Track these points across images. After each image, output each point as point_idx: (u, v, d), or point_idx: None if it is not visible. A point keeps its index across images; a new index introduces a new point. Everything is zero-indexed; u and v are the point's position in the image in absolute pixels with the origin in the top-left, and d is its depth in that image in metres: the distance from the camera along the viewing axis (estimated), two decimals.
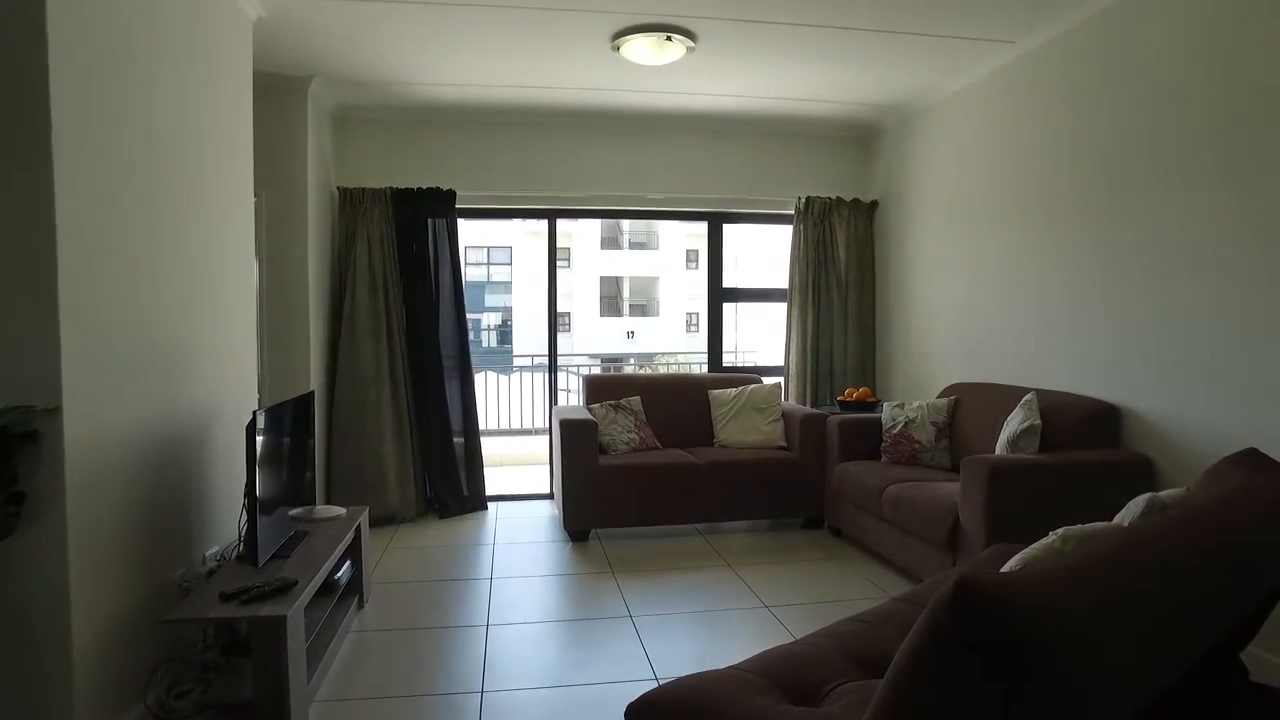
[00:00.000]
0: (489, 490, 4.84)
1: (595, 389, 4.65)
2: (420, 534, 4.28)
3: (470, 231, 22.16)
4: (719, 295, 5.28)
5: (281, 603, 2.12)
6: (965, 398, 3.85)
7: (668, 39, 3.45)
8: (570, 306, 22.60)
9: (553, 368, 5.25)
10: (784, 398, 4.95)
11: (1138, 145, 2.98)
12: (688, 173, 5.01)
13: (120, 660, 2.10)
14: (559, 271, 5.40)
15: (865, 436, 4.03)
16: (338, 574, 2.81)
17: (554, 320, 5.24)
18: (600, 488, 3.98)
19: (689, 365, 14.17)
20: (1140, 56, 2.96)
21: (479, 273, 23.78)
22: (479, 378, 5.65)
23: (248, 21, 3.11)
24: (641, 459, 4.14)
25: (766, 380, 4.83)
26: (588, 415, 4.21)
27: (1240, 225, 2.57)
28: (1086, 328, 3.26)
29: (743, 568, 3.61)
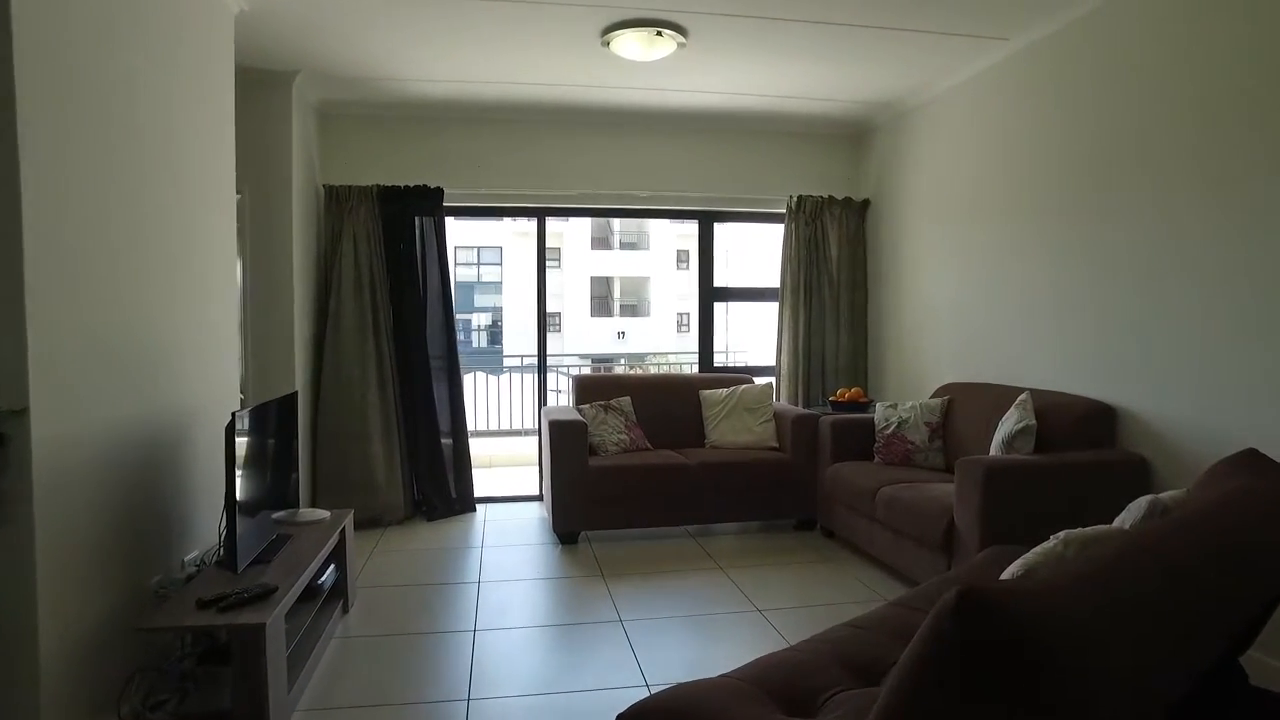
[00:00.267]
0: (478, 492, 4.79)
1: (585, 389, 4.61)
2: (407, 537, 4.23)
3: (460, 231, 22.10)
4: (710, 295, 5.25)
5: (261, 610, 2.06)
6: (959, 398, 3.83)
7: (658, 34, 3.42)
8: (560, 307, 22.56)
9: (542, 368, 5.20)
10: (775, 398, 4.92)
11: (1127, 145, 2.98)
12: (678, 171, 4.98)
13: (92, 668, 2.04)
14: (549, 271, 5.35)
15: (858, 437, 4.00)
16: (321, 579, 2.76)
17: (543, 320, 5.19)
18: (590, 489, 3.94)
19: (680, 365, 14.16)
20: (1129, 57, 2.96)
21: (469, 273, 23.70)
22: (468, 378, 5.60)
23: (230, 15, 3.06)
24: (632, 460, 4.10)
25: (758, 380, 4.80)
26: (577, 416, 4.16)
27: (1224, 225, 2.58)
28: (1076, 327, 3.25)
29: (734, 570, 3.57)
